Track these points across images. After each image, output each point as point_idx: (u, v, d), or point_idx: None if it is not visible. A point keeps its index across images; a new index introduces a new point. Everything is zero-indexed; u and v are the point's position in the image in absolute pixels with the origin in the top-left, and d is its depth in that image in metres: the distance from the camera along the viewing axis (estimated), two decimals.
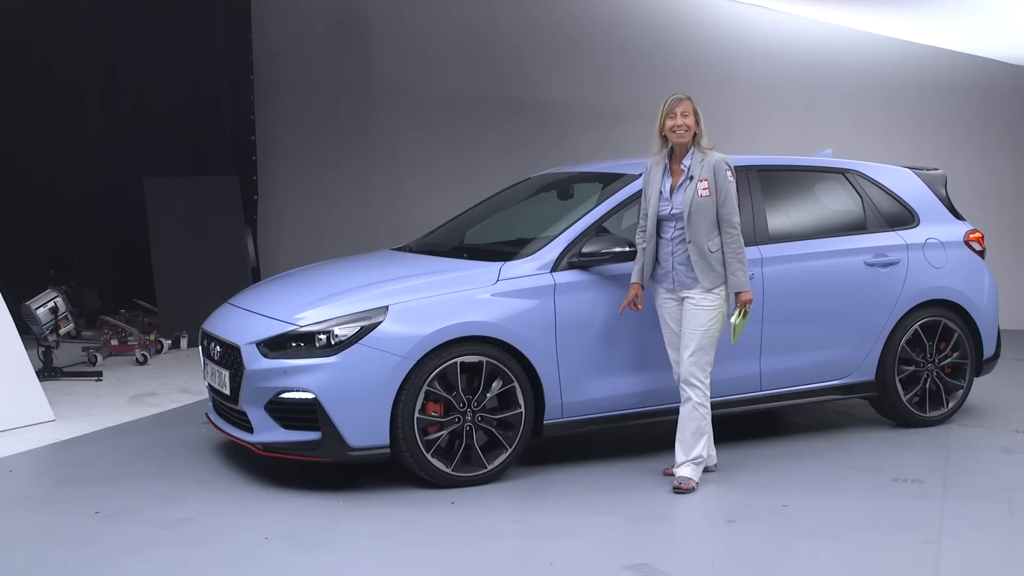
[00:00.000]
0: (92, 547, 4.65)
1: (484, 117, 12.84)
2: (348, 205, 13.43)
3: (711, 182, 5.38)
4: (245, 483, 5.59)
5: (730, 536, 4.80)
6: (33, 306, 8.30)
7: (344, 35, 13.37)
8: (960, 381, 6.77)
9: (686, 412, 5.47)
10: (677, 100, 5.46)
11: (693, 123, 5.44)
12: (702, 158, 5.43)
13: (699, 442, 5.46)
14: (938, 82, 11.12)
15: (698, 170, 5.41)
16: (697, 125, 5.47)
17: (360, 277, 5.92)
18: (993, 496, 5.35)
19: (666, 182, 5.51)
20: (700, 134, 5.48)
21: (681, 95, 5.49)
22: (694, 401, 5.44)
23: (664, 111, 5.47)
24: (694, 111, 5.46)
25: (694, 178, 5.39)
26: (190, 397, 7.75)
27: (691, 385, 5.43)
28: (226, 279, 9.71)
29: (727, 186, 5.39)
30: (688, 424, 5.46)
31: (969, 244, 6.90)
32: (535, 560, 4.49)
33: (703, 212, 5.36)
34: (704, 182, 5.37)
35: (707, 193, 5.37)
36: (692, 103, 5.47)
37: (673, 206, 5.44)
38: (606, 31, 12.29)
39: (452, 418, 5.40)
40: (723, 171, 5.40)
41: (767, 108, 11.68)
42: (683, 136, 5.43)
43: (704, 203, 5.36)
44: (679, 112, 5.42)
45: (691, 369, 5.41)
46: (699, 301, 5.38)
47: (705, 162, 5.42)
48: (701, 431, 5.46)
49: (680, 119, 5.42)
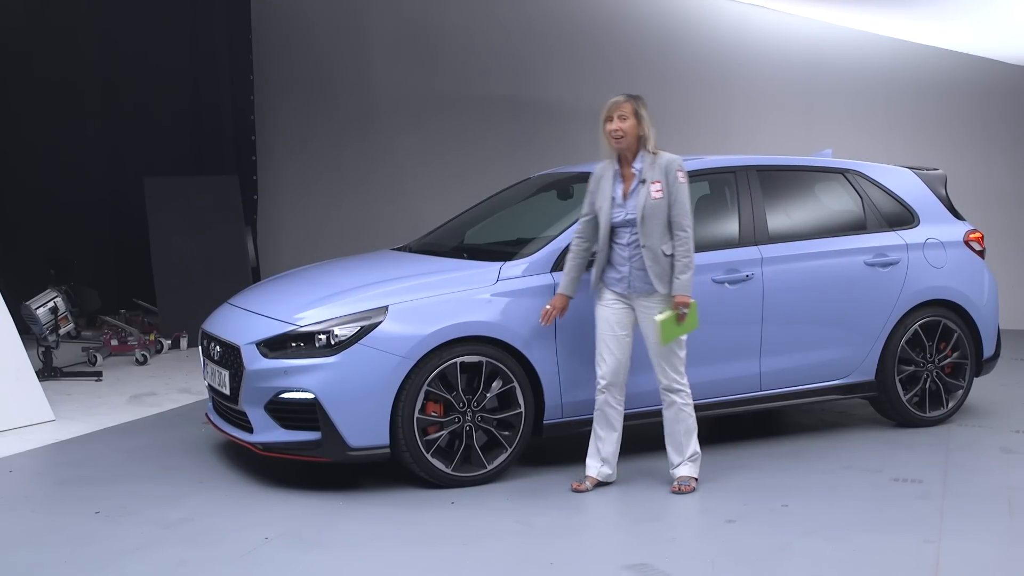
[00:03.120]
0: (92, 547, 4.65)
1: (484, 117, 12.84)
2: (348, 205, 13.43)
3: (663, 183, 5.26)
4: (245, 483, 5.59)
5: (730, 536, 4.79)
6: (33, 306, 8.30)
7: (344, 35, 13.38)
8: (960, 381, 6.77)
9: (672, 415, 5.43)
10: (615, 103, 5.31)
11: (633, 126, 5.28)
12: (652, 160, 5.30)
13: (691, 439, 5.45)
14: (938, 82, 11.13)
15: (650, 172, 5.28)
16: (640, 126, 5.31)
17: (360, 277, 5.92)
18: (993, 496, 5.35)
19: (618, 188, 5.38)
20: (646, 136, 5.33)
21: (621, 97, 5.33)
22: (679, 404, 5.40)
23: (603, 115, 5.33)
24: (635, 113, 5.29)
25: (646, 181, 5.27)
26: (190, 397, 7.75)
27: (674, 391, 5.39)
28: (226, 279, 9.71)
29: (678, 187, 5.27)
30: (677, 425, 5.43)
31: (969, 244, 6.91)
32: (535, 560, 4.48)
33: (656, 215, 5.24)
34: (656, 184, 5.26)
35: (660, 195, 5.25)
36: (634, 104, 5.30)
37: (627, 212, 5.32)
38: (606, 31, 12.30)
39: (452, 418, 5.40)
40: (675, 172, 5.28)
41: (767, 108, 11.68)
42: (620, 141, 5.29)
43: (657, 205, 5.25)
44: (616, 116, 5.29)
45: (671, 376, 5.37)
46: (657, 313, 5.27)
47: (656, 164, 5.29)
48: (691, 428, 5.44)
49: (617, 123, 5.28)
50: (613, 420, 5.47)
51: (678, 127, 11.79)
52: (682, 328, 5.27)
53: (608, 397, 5.43)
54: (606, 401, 5.44)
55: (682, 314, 5.23)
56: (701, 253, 6.02)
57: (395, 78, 13.23)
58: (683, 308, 5.22)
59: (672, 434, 5.46)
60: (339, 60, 13.39)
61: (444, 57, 13.00)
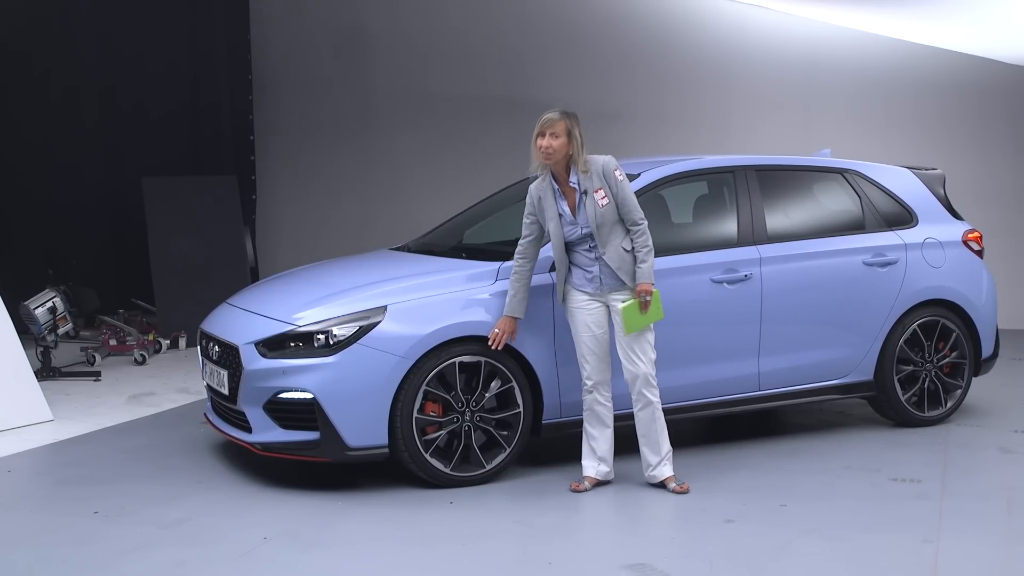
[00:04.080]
0: (91, 547, 4.65)
1: (482, 117, 12.84)
2: (346, 205, 13.43)
3: (605, 188, 5.24)
4: (244, 483, 5.59)
5: (729, 536, 4.79)
6: (31, 306, 8.30)
7: (342, 35, 13.38)
8: (958, 381, 6.78)
9: (647, 415, 5.39)
10: (548, 120, 5.23)
11: (563, 144, 5.22)
12: (587, 170, 5.26)
13: (665, 437, 5.43)
14: (937, 82, 11.13)
15: (589, 182, 5.25)
16: (570, 145, 5.25)
17: (358, 277, 5.92)
18: (991, 495, 5.35)
19: (562, 204, 5.34)
20: (575, 156, 5.27)
21: (555, 114, 5.25)
22: (655, 403, 5.38)
23: (536, 128, 5.27)
24: (567, 131, 5.23)
25: (588, 191, 5.25)
26: (188, 397, 7.75)
27: (650, 386, 5.36)
28: (224, 279, 9.71)
29: (621, 187, 5.26)
30: (653, 425, 5.40)
31: (967, 244, 6.91)
32: (534, 560, 4.49)
33: (608, 221, 5.24)
34: (600, 191, 5.24)
35: (607, 201, 5.23)
36: (568, 123, 5.23)
37: (580, 227, 5.29)
38: (604, 31, 12.30)
39: (451, 418, 5.40)
40: (612, 173, 5.25)
41: (766, 108, 11.68)
42: (550, 157, 5.25)
43: (607, 212, 5.24)
44: (548, 132, 5.23)
45: (646, 371, 5.34)
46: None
47: (592, 172, 5.26)
48: (664, 426, 5.43)
49: (548, 140, 5.23)
50: (604, 417, 5.47)
51: (676, 127, 11.82)
52: (646, 318, 5.25)
53: (596, 395, 5.44)
54: (595, 399, 5.45)
55: (645, 302, 5.22)
56: (700, 253, 6.06)
57: (393, 78, 13.23)
58: (646, 296, 5.21)
59: (648, 434, 5.43)
60: (337, 60, 13.38)
61: (443, 57, 13.00)
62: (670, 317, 5.62)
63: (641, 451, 5.48)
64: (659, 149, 11.35)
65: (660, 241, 5.85)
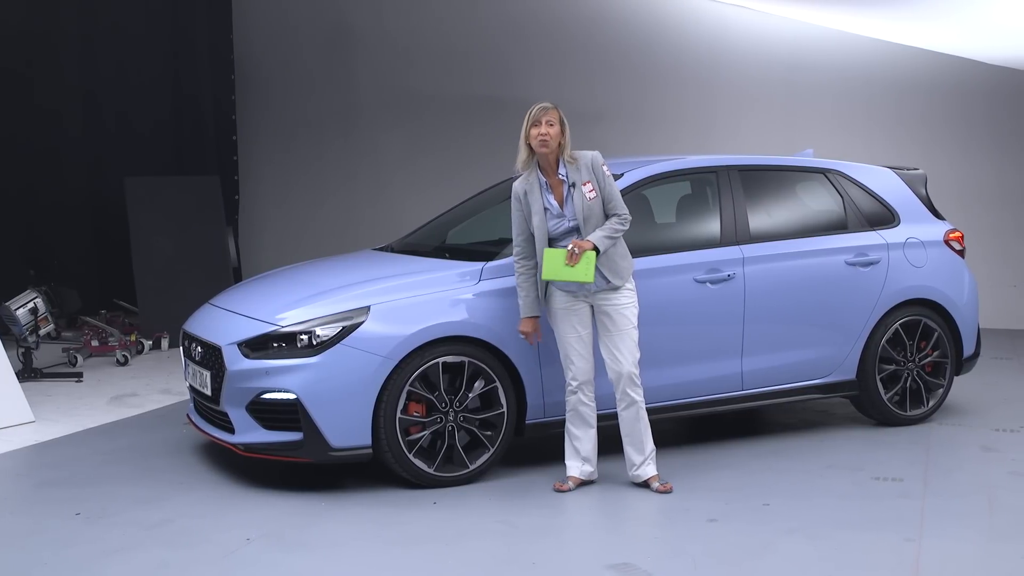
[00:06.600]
0: (73, 549, 4.63)
1: (466, 117, 12.84)
2: (330, 205, 13.41)
3: (594, 182, 5.28)
4: (227, 484, 5.57)
5: (712, 535, 4.80)
6: (13, 307, 8.25)
7: (326, 35, 13.36)
8: (940, 380, 6.81)
9: (632, 415, 5.40)
10: (543, 109, 5.27)
11: (558, 133, 5.26)
12: (574, 163, 5.30)
13: (648, 436, 5.44)
14: (919, 82, 11.18)
15: (577, 175, 5.29)
16: (563, 135, 5.30)
17: (342, 277, 5.91)
18: (973, 494, 5.38)
19: (549, 198, 5.34)
20: (565, 144, 5.32)
21: (548, 104, 5.31)
22: (639, 403, 5.39)
23: (529, 119, 5.29)
24: (560, 120, 5.29)
25: (576, 184, 5.28)
26: (171, 398, 7.72)
27: (634, 385, 5.36)
28: (207, 279, 9.69)
29: (608, 181, 5.31)
30: (637, 424, 5.41)
31: (949, 243, 6.94)
32: (517, 560, 4.49)
33: (594, 214, 5.26)
34: (588, 184, 5.27)
35: (595, 194, 5.27)
36: (559, 112, 5.29)
37: (568, 219, 5.30)
38: (587, 31, 12.31)
39: (434, 418, 5.39)
40: (600, 167, 5.30)
41: (748, 108, 11.71)
42: (547, 145, 5.26)
43: (594, 205, 5.27)
44: (544, 121, 5.25)
45: (630, 370, 5.34)
46: (616, 301, 5.31)
47: (580, 165, 5.29)
48: (648, 424, 5.44)
49: (545, 128, 5.25)
50: (588, 417, 5.47)
51: (660, 127, 11.83)
52: (570, 272, 5.16)
53: (581, 395, 5.44)
54: (579, 400, 5.45)
55: (573, 253, 5.15)
56: (683, 253, 6.07)
57: (377, 78, 13.22)
58: (576, 248, 5.14)
59: (632, 434, 5.44)
60: (321, 60, 13.37)
61: (426, 57, 13.00)
62: (654, 317, 5.65)
63: (625, 451, 5.49)
64: (642, 149, 11.37)
65: (643, 241, 5.89)
